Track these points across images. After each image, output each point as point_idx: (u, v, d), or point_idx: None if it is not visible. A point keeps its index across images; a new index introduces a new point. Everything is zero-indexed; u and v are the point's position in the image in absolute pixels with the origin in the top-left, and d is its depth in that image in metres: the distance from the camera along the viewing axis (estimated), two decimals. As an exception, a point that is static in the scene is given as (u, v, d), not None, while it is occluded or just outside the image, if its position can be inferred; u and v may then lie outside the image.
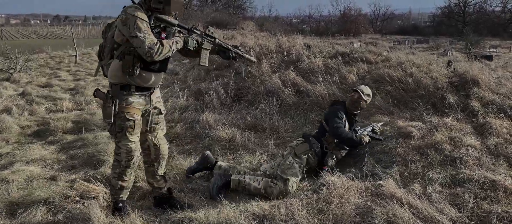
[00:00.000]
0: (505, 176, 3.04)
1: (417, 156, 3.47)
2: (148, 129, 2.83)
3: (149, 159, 2.92)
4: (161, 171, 2.97)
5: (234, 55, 2.94)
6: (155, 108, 2.82)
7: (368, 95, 3.73)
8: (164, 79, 8.02)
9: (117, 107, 2.58)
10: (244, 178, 3.20)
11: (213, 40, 2.83)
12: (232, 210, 2.68)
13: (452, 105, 4.43)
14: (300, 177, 3.25)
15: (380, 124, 4.05)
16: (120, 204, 2.81)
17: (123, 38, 2.52)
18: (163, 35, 2.59)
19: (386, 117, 4.41)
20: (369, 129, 3.81)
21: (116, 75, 2.58)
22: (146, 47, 2.42)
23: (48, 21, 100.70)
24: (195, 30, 2.78)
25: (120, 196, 2.81)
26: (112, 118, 2.59)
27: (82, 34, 39.58)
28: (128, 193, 2.89)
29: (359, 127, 3.87)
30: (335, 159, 3.58)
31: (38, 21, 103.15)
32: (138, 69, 2.55)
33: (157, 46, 2.47)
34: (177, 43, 2.62)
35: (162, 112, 2.89)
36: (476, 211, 2.64)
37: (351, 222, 2.53)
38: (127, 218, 2.65)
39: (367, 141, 3.59)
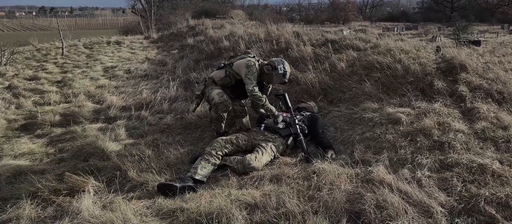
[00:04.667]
0: (493, 160, 3.09)
1: (406, 142, 3.51)
2: None
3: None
4: None
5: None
6: None
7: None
8: (153, 69, 7.94)
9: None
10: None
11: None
12: (224, 199, 2.68)
13: (440, 91, 4.46)
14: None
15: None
16: None
17: None
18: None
19: (376, 103, 4.43)
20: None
21: None
22: None
23: (33, 13, 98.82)
24: None
25: None
26: None
27: (69, 25, 38.89)
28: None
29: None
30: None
31: (23, 13, 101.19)
32: None
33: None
34: None
35: None
36: (464, 195, 2.68)
37: (342, 208, 2.54)
38: (119, 210, 2.63)
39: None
